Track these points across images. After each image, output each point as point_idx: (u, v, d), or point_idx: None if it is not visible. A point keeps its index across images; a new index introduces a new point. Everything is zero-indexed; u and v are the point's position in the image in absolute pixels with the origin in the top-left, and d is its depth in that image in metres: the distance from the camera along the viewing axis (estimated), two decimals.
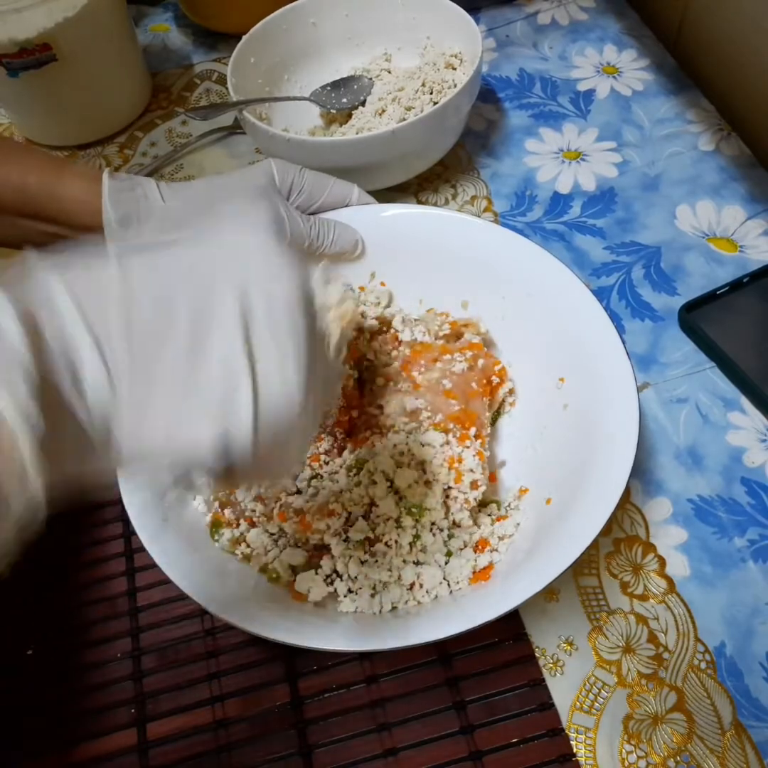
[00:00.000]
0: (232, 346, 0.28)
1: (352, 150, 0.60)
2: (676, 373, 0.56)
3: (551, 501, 0.46)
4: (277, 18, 0.70)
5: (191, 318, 0.28)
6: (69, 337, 0.26)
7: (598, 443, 0.44)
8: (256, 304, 0.28)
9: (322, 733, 0.44)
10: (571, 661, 0.45)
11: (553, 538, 0.42)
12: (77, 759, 0.44)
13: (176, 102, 0.80)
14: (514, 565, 0.43)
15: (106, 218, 0.50)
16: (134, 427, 0.27)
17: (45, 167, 0.51)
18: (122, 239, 0.50)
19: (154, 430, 0.28)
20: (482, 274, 0.54)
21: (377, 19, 0.73)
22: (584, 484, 0.43)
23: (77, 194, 0.50)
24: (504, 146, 0.72)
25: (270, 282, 0.29)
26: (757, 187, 0.65)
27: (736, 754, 0.42)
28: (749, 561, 0.48)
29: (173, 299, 0.28)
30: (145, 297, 0.28)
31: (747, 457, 0.52)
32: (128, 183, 0.52)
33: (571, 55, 0.78)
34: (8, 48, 0.65)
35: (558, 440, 0.49)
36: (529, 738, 0.43)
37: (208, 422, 0.28)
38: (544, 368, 0.51)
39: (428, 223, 0.55)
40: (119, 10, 0.73)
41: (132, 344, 0.27)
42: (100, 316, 0.27)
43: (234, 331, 0.28)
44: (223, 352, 0.28)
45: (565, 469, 0.46)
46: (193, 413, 0.28)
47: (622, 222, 0.65)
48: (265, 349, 0.28)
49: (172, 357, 0.27)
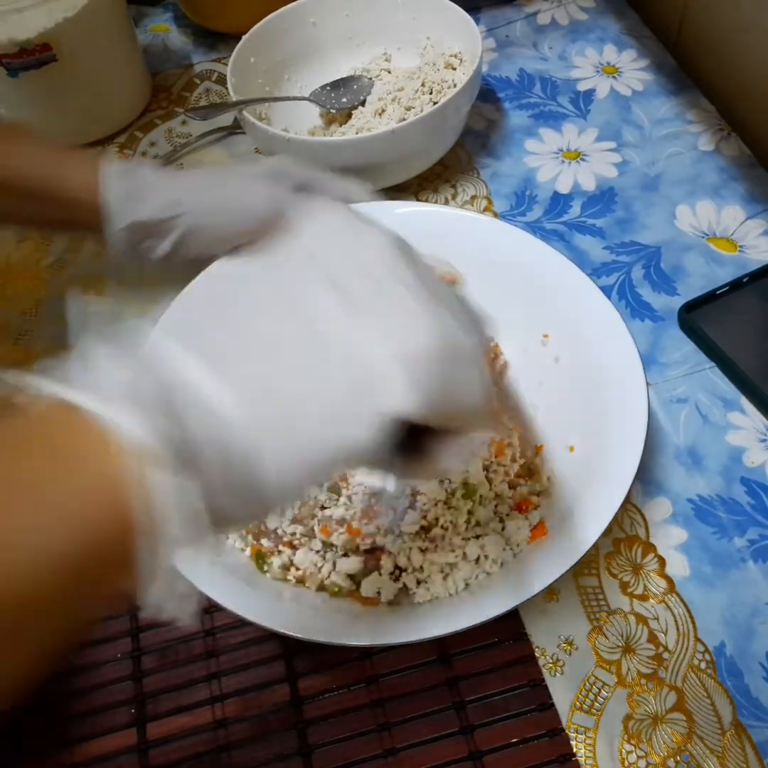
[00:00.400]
0: (345, 326, 0.28)
1: (352, 150, 0.60)
2: (676, 373, 0.56)
3: (574, 448, 0.48)
4: (277, 18, 0.70)
5: (298, 325, 0.28)
6: (181, 366, 0.27)
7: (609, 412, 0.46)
8: (346, 276, 0.28)
9: (322, 733, 0.44)
10: (571, 661, 0.45)
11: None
12: (77, 759, 0.44)
13: (176, 102, 0.80)
14: (562, 518, 0.45)
15: (105, 196, 0.51)
16: (285, 442, 0.27)
17: (48, 150, 0.52)
18: (121, 216, 0.50)
19: (304, 440, 0.27)
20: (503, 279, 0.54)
21: (377, 19, 0.73)
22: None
23: (79, 176, 0.51)
24: (504, 146, 0.72)
25: (352, 251, 0.29)
26: (757, 187, 0.65)
27: (736, 754, 0.42)
28: (749, 561, 0.48)
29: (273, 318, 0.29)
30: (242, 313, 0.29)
31: (747, 457, 0.52)
32: (129, 164, 0.53)
33: (571, 55, 0.78)
34: (8, 48, 0.65)
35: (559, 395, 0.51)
36: (529, 738, 0.43)
37: (361, 414, 0.27)
38: (565, 414, 0.51)
39: (434, 220, 0.56)
40: (119, 10, 0.73)
41: (247, 355, 0.27)
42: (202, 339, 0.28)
43: (336, 310, 0.28)
44: (338, 338, 0.28)
45: (575, 415, 0.48)
46: (338, 412, 0.27)
47: (622, 222, 0.65)
48: (383, 313, 0.28)
49: (290, 356, 0.28)
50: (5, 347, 0.63)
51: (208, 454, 0.26)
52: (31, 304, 0.65)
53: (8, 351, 0.63)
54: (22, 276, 0.67)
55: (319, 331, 0.28)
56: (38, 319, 0.64)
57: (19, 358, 0.62)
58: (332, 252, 0.30)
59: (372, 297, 0.28)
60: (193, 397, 0.26)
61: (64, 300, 0.65)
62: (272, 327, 0.29)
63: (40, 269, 0.68)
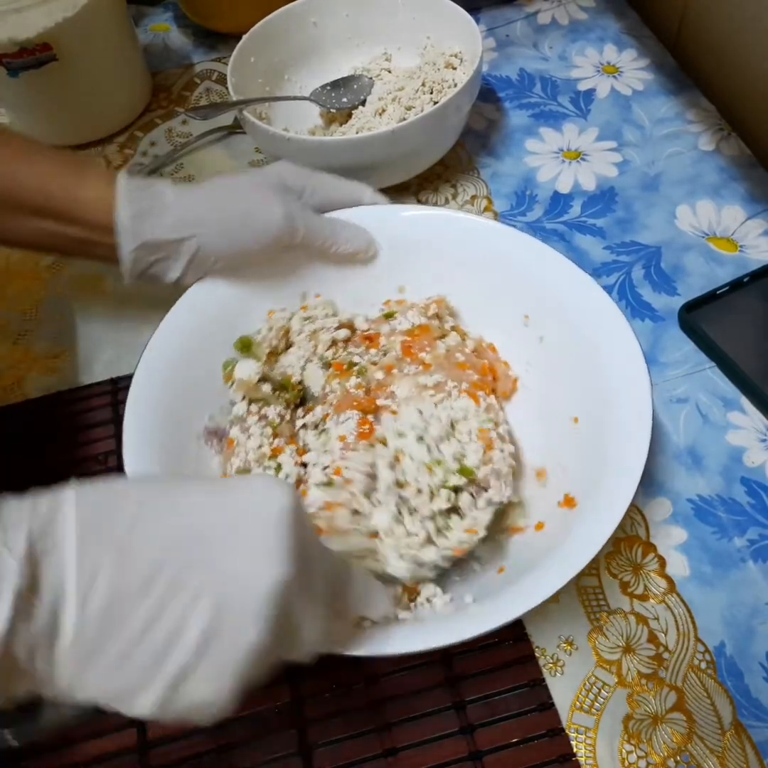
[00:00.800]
0: (183, 633, 0.29)
1: (352, 150, 0.60)
2: (676, 373, 0.56)
3: (578, 419, 0.48)
4: (277, 18, 0.70)
5: (165, 594, 0.29)
6: (61, 577, 0.28)
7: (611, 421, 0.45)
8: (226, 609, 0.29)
9: (322, 733, 0.44)
10: (571, 661, 0.45)
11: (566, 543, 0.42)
12: (77, 759, 0.44)
13: (176, 102, 0.80)
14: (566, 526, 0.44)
15: (119, 215, 0.50)
16: (80, 671, 0.29)
17: (64, 168, 0.51)
18: (134, 235, 0.50)
19: (96, 682, 0.29)
20: (500, 279, 0.54)
21: (377, 19, 0.73)
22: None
23: (95, 194, 0.50)
24: (504, 146, 0.72)
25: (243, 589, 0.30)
26: (757, 187, 0.65)
27: (736, 754, 0.42)
28: (749, 561, 0.48)
29: (162, 569, 0.29)
30: (141, 557, 0.30)
31: (747, 457, 0.52)
32: (144, 182, 0.52)
33: (571, 54, 0.78)
34: (8, 48, 0.65)
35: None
36: (529, 738, 0.43)
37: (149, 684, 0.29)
38: (562, 389, 0.51)
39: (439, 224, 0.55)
40: (119, 10, 0.73)
41: (111, 601, 0.29)
42: (97, 557, 0.29)
43: (191, 620, 0.29)
44: (170, 636, 0.29)
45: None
46: (130, 677, 0.29)
47: (622, 222, 0.65)
48: (210, 645, 0.29)
49: (134, 625, 0.29)
50: (5, 347, 0.63)
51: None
52: (31, 304, 0.65)
53: (8, 351, 0.63)
54: (22, 276, 0.67)
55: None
56: (38, 319, 0.64)
57: (19, 358, 0.62)
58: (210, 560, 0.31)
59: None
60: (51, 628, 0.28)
61: (65, 300, 0.65)
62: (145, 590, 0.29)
63: (40, 269, 0.68)
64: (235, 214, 0.51)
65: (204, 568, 0.30)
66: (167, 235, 0.50)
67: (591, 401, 0.47)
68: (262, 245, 0.52)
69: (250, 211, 0.51)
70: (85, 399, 0.59)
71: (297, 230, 0.52)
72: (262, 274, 0.54)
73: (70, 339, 0.62)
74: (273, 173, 0.54)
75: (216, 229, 0.51)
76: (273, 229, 0.51)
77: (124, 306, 0.63)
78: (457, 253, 0.55)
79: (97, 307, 0.64)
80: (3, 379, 0.60)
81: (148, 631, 0.29)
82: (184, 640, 0.29)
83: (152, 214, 0.50)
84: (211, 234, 0.51)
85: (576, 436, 0.48)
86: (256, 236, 0.51)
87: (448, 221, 0.55)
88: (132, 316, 0.62)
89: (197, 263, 0.52)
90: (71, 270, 0.67)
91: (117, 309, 0.64)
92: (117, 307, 0.64)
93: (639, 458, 0.43)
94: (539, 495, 0.48)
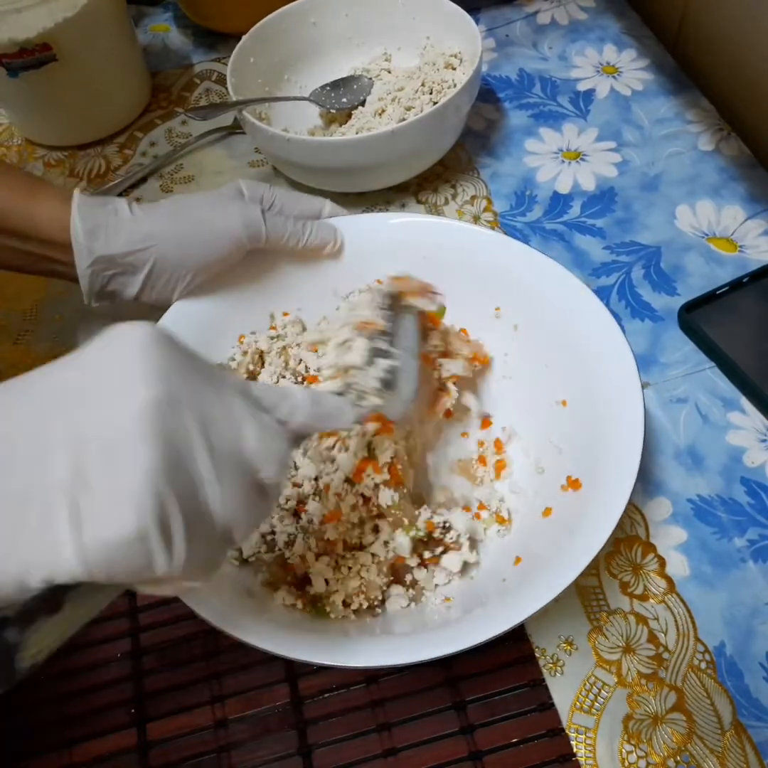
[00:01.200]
0: (55, 484, 0.27)
1: (352, 150, 0.60)
2: (676, 373, 0.56)
3: (566, 402, 0.48)
4: (277, 18, 0.70)
5: (29, 455, 0.27)
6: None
7: (604, 436, 0.45)
8: (92, 433, 0.27)
9: (322, 733, 0.44)
10: (571, 661, 0.45)
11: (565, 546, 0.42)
12: (77, 759, 0.44)
13: (176, 102, 0.80)
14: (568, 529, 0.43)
15: (74, 231, 0.49)
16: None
17: (19, 184, 0.50)
18: (89, 251, 0.49)
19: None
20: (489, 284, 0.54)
21: (377, 19, 0.73)
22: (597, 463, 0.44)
23: (50, 211, 0.50)
24: (504, 146, 0.72)
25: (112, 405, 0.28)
26: (757, 187, 0.65)
27: (736, 754, 0.42)
28: (749, 561, 0.48)
29: (17, 436, 0.28)
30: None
31: (747, 457, 0.52)
32: (99, 200, 0.51)
33: (571, 55, 0.78)
34: (8, 48, 0.65)
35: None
36: (529, 738, 0.43)
37: (35, 560, 0.27)
38: (545, 373, 0.51)
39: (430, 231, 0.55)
40: (119, 10, 0.73)
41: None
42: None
43: (61, 468, 0.27)
44: (45, 495, 0.27)
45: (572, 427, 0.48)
46: (20, 550, 0.27)
47: (622, 222, 0.65)
48: (97, 482, 0.27)
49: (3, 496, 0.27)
50: (5, 347, 0.63)
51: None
52: (31, 304, 0.65)
53: (8, 351, 0.63)
54: (22, 277, 0.67)
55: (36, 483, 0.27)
56: (38, 319, 0.64)
57: (19, 358, 0.62)
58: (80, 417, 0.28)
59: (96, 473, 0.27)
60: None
61: (65, 300, 0.65)
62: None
63: None
64: (190, 222, 0.51)
65: (66, 417, 0.28)
66: (121, 249, 0.50)
67: (575, 382, 0.47)
68: (224, 252, 0.51)
69: (207, 218, 0.51)
70: None
71: (259, 231, 0.51)
72: (229, 297, 0.54)
73: (70, 339, 0.62)
74: (231, 188, 0.54)
75: (172, 240, 0.50)
76: (233, 234, 0.50)
77: (124, 306, 0.63)
78: (423, 255, 0.55)
79: (97, 307, 0.64)
80: (3, 379, 0.60)
81: (24, 496, 0.27)
82: (54, 479, 0.27)
83: (107, 229, 0.50)
84: (167, 245, 0.50)
85: (566, 417, 0.48)
86: (215, 243, 0.51)
87: (414, 226, 0.56)
88: (132, 317, 0.62)
89: (155, 277, 0.51)
90: None
91: (117, 309, 0.63)
92: (117, 308, 0.63)
93: (636, 428, 0.43)
94: (539, 482, 0.48)
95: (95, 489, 0.27)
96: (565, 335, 0.49)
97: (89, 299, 0.52)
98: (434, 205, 0.68)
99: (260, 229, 0.51)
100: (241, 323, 0.55)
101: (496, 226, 0.65)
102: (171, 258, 0.50)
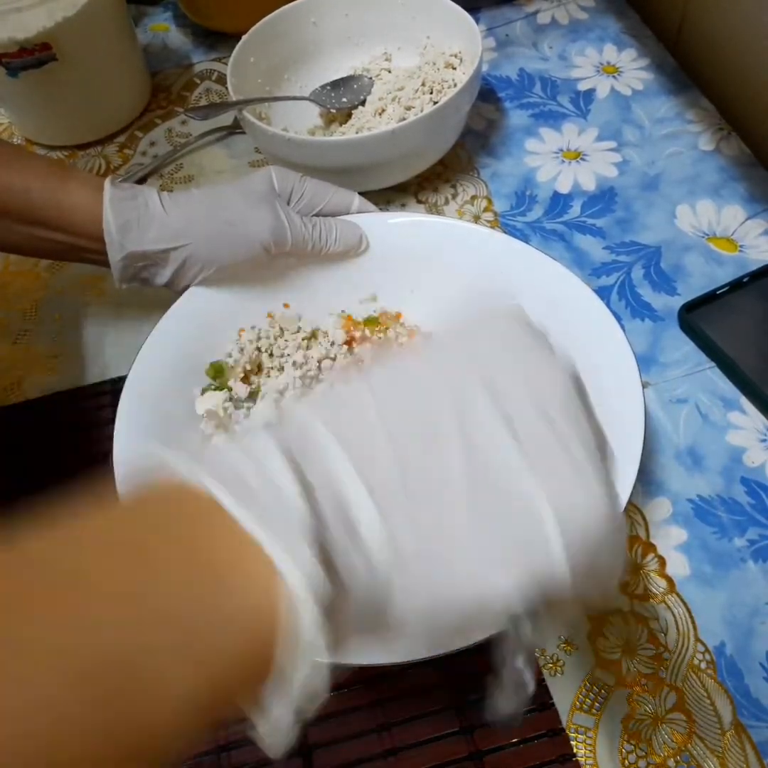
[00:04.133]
0: (514, 466, 0.24)
1: (352, 150, 0.60)
2: (676, 373, 0.56)
3: None
4: (277, 18, 0.70)
5: (456, 442, 0.24)
6: (338, 483, 0.23)
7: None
8: (516, 404, 0.25)
9: (323, 733, 0.44)
10: (571, 661, 0.45)
11: None
12: None
13: (176, 102, 0.80)
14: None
15: (106, 226, 0.50)
16: (422, 584, 0.24)
17: (49, 174, 0.51)
18: (121, 246, 0.51)
19: (442, 585, 0.24)
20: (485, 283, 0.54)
21: (377, 18, 0.73)
22: None
23: (80, 202, 0.51)
24: (504, 146, 0.72)
25: (525, 375, 0.26)
26: (757, 187, 0.65)
27: (736, 754, 0.42)
28: (749, 561, 0.48)
29: (430, 416, 0.25)
30: (395, 418, 0.24)
31: (747, 457, 0.52)
32: (130, 191, 0.52)
33: (571, 54, 0.78)
34: (8, 48, 0.65)
35: None
36: (529, 738, 0.43)
37: (511, 566, 0.24)
38: None
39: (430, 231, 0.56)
40: (119, 10, 0.73)
41: (404, 483, 0.24)
42: (361, 451, 0.24)
43: (507, 444, 0.24)
44: (505, 477, 0.24)
45: None
46: (490, 559, 0.24)
47: (622, 222, 0.65)
48: (551, 460, 0.25)
49: (450, 493, 0.24)
50: (5, 347, 0.63)
51: (354, 595, 0.24)
52: (31, 304, 0.65)
53: (8, 351, 0.63)
54: (22, 276, 0.67)
55: (487, 465, 0.25)
56: (38, 318, 0.64)
57: (19, 358, 0.62)
58: (502, 369, 0.26)
59: (543, 438, 0.25)
60: (353, 541, 0.23)
61: (65, 300, 0.65)
62: (432, 446, 0.25)
63: (40, 269, 0.68)
64: (222, 225, 0.52)
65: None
66: (153, 246, 0.51)
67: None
68: (251, 255, 0.52)
69: (239, 221, 0.52)
70: (84, 399, 0.59)
71: (285, 240, 0.52)
72: (231, 290, 0.55)
73: (70, 339, 0.62)
74: (261, 179, 0.54)
75: (203, 241, 0.51)
76: (261, 241, 0.52)
77: (124, 306, 0.63)
78: (426, 256, 0.55)
79: (97, 307, 0.64)
80: (3, 379, 0.60)
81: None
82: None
83: (139, 225, 0.51)
84: (197, 245, 0.51)
85: None
86: (243, 248, 0.52)
87: (419, 226, 0.56)
88: (132, 316, 0.62)
89: (185, 271, 0.52)
90: (71, 270, 0.67)
91: (117, 309, 0.64)
92: (117, 307, 0.64)
93: (636, 428, 0.43)
94: None
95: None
96: (566, 335, 0.49)
97: (120, 284, 0.54)
98: (434, 205, 0.68)
99: (286, 238, 0.52)
100: (241, 316, 0.56)
101: (497, 226, 0.65)
102: (200, 255, 0.52)
